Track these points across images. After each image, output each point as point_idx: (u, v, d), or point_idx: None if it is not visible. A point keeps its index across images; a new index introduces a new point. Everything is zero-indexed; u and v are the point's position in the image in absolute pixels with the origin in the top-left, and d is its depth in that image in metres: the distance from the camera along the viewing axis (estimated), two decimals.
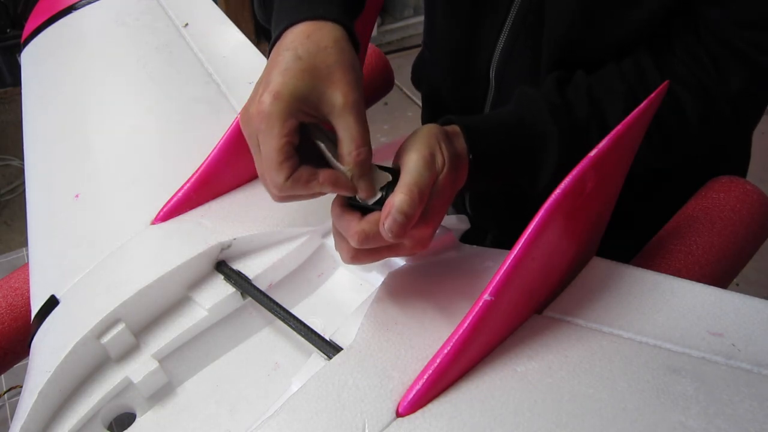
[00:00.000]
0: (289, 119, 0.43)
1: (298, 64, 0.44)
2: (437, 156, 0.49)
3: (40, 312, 0.55)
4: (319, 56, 0.45)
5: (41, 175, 0.69)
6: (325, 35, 0.45)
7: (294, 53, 0.44)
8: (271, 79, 0.44)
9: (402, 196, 0.45)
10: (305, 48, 0.45)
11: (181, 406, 0.51)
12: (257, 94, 0.44)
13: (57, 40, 0.83)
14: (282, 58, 0.44)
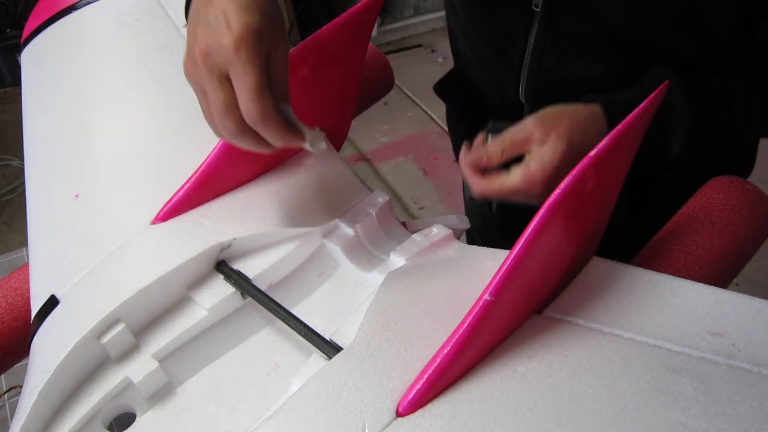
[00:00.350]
0: (262, 53, 0.44)
1: (257, 5, 0.45)
2: (573, 150, 0.56)
3: (40, 312, 0.55)
4: (265, 4, 0.46)
5: (41, 175, 0.69)
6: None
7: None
8: (233, 15, 0.44)
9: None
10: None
11: (181, 406, 0.51)
12: (220, 27, 0.44)
13: (57, 40, 0.83)
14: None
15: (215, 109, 0.46)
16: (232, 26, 0.43)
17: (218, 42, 0.44)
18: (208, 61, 0.44)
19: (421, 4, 3.06)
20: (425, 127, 2.48)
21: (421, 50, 3.00)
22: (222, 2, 0.44)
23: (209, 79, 0.45)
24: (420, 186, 2.23)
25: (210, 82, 0.45)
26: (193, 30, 0.46)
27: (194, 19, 0.46)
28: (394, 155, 2.39)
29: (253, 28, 0.44)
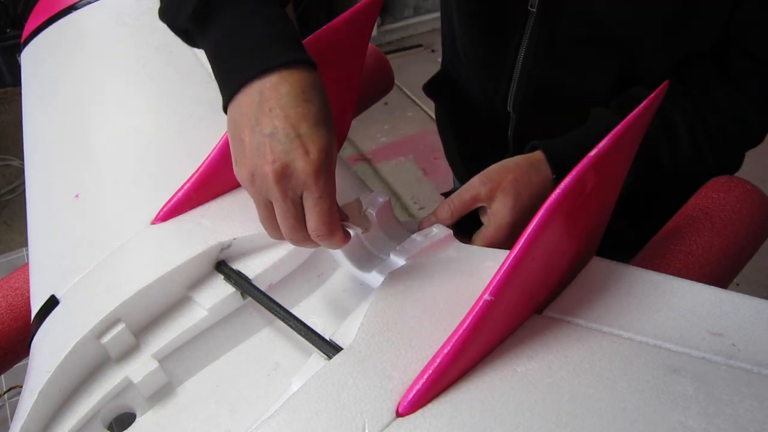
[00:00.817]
0: (333, 172, 0.45)
1: (318, 114, 0.44)
2: (522, 200, 0.58)
3: (40, 312, 0.55)
4: (327, 107, 0.46)
5: (41, 175, 0.69)
6: (311, 78, 0.45)
7: (313, 105, 0.44)
8: (308, 135, 0.43)
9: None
10: (312, 94, 0.44)
11: (181, 406, 0.51)
12: (294, 148, 0.43)
13: (57, 40, 0.83)
14: (305, 110, 0.44)
15: (284, 225, 0.46)
16: (310, 151, 0.43)
17: (295, 166, 0.43)
18: (282, 183, 0.43)
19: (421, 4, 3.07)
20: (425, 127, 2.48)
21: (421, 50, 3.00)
22: (286, 112, 0.43)
23: (283, 200, 0.44)
24: (420, 186, 2.23)
25: (284, 203, 0.44)
26: (253, 139, 0.44)
27: (250, 125, 0.44)
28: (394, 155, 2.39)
29: (327, 149, 0.44)
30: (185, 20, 0.47)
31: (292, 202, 0.44)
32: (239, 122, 0.45)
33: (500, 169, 0.60)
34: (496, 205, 0.58)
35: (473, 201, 0.59)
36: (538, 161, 0.60)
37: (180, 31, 0.50)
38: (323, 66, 0.61)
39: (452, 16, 0.76)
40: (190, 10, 0.46)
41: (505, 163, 0.60)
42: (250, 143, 0.44)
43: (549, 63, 0.68)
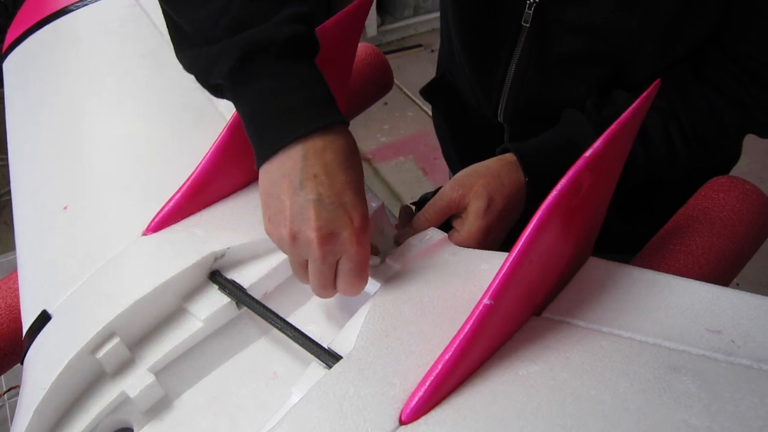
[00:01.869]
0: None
1: (358, 181, 0.47)
2: (495, 204, 0.58)
3: (32, 327, 0.54)
4: (362, 172, 0.48)
5: (28, 186, 0.68)
6: (351, 143, 0.47)
7: (354, 173, 0.47)
8: (353, 206, 0.46)
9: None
10: (354, 161, 0.47)
11: (179, 420, 0.50)
12: (340, 216, 0.45)
13: (40, 49, 0.82)
14: (348, 179, 0.46)
15: (315, 282, 0.48)
16: (354, 220, 0.46)
17: (340, 233, 0.45)
18: (325, 248, 0.45)
19: (421, 4, 3.06)
20: (425, 127, 2.47)
21: (421, 50, 2.99)
22: (331, 180, 0.45)
23: (321, 262, 0.46)
24: (420, 186, 2.22)
25: (321, 265, 0.46)
26: (296, 202, 0.45)
27: (293, 188, 0.45)
28: (394, 155, 2.38)
29: (367, 216, 0.47)
30: (220, 76, 0.47)
31: (329, 265, 0.47)
32: (279, 183, 0.45)
33: (471, 174, 0.60)
34: (469, 209, 0.58)
35: (447, 209, 0.59)
36: (509, 163, 0.61)
37: (210, 86, 0.49)
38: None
39: (450, 22, 0.76)
40: (228, 68, 0.46)
41: (476, 167, 0.61)
42: (293, 206, 0.45)
43: (540, 77, 0.69)
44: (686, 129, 0.62)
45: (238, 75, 0.46)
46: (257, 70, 0.46)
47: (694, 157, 0.63)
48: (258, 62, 0.46)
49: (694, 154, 0.63)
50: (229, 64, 0.46)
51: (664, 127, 0.62)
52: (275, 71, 0.46)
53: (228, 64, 0.46)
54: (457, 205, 0.59)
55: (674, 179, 0.71)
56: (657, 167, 0.64)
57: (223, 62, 0.46)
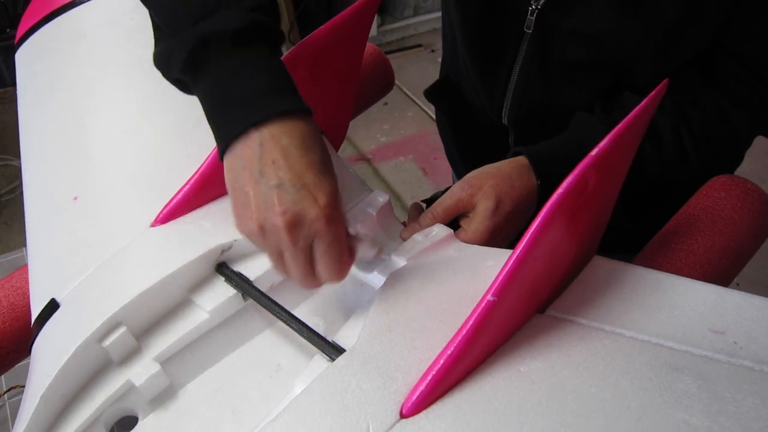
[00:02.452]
0: (342, 216, 0.46)
1: (321, 160, 0.45)
2: (503, 206, 0.58)
3: (41, 316, 0.54)
4: (327, 154, 0.46)
5: (39, 177, 0.69)
6: (310, 127, 0.46)
7: (314, 153, 0.45)
8: (315, 184, 0.44)
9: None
10: (313, 142, 0.45)
11: (183, 409, 0.51)
12: (303, 197, 0.43)
13: (51, 40, 0.82)
14: (308, 160, 0.44)
15: (295, 272, 0.46)
16: (318, 198, 0.44)
17: (305, 214, 0.43)
18: (294, 232, 0.44)
19: (421, 4, 3.06)
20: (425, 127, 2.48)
21: (421, 50, 2.99)
22: (290, 163, 0.44)
23: (294, 248, 0.45)
24: (420, 186, 2.22)
25: (295, 251, 0.45)
26: (259, 191, 0.44)
27: (254, 178, 0.44)
28: (394, 155, 2.38)
29: (334, 194, 0.45)
30: (177, 71, 0.47)
31: (302, 250, 0.45)
32: (241, 176, 0.45)
33: (481, 174, 0.60)
34: (477, 209, 0.58)
35: (456, 208, 0.59)
36: (521, 166, 0.61)
37: (174, 80, 0.50)
38: (321, 66, 0.61)
39: (453, 24, 0.76)
40: (182, 61, 0.46)
41: (487, 168, 0.61)
42: (256, 196, 0.44)
43: (542, 82, 0.69)
44: (696, 132, 0.62)
45: (192, 68, 0.46)
46: (210, 61, 0.45)
47: (704, 159, 0.63)
48: (210, 54, 0.45)
49: (704, 156, 0.63)
50: (182, 57, 0.45)
51: (674, 131, 0.62)
52: (227, 62, 0.45)
53: (182, 57, 0.46)
54: (466, 205, 0.59)
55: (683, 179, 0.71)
56: (668, 170, 0.64)
57: (178, 56, 0.46)
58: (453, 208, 0.59)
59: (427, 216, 0.60)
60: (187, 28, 0.46)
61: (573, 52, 0.64)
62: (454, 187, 0.60)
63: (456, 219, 0.61)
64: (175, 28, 0.47)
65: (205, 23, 0.45)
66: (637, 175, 0.61)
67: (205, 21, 0.45)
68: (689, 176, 0.66)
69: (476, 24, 0.70)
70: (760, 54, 0.59)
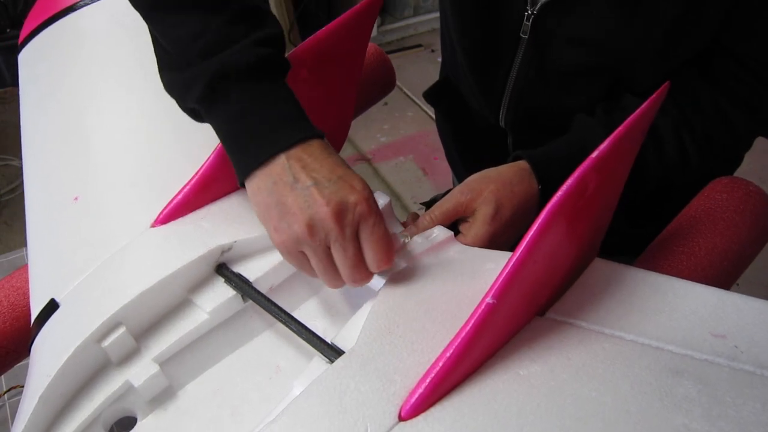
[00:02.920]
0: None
1: (344, 162, 0.49)
2: (503, 211, 0.58)
3: (40, 316, 0.55)
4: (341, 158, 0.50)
5: (40, 177, 0.69)
6: (329, 144, 0.50)
7: (337, 156, 0.49)
8: (347, 174, 0.47)
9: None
10: (333, 152, 0.49)
11: (182, 410, 0.51)
12: (342, 187, 0.46)
13: (54, 42, 0.83)
14: (334, 160, 0.48)
15: (345, 265, 0.48)
16: (355, 185, 0.47)
17: (348, 200, 0.46)
18: (340, 219, 0.46)
19: (421, 4, 3.06)
20: (425, 127, 2.48)
21: (421, 50, 2.99)
22: (320, 164, 0.47)
23: (342, 237, 0.47)
24: (420, 186, 2.22)
25: (343, 240, 0.47)
26: (298, 195, 0.46)
27: (289, 185, 0.47)
28: (394, 155, 2.38)
29: (367, 184, 0.48)
30: (193, 101, 0.50)
31: (351, 238, 0.47)
32: (273, 189, 0.47)
33: (481, 179, 0.60)
34: (477, 214, 0.58)
35: (454, 212, 0.59)
36: (522, 171, 0.60)
37: (187, 110, 0.53)
38: (323, 66, 0.61)
39: (450, 31, 0.76)
40: (198, 94, 0.48)
41: (487, 172, 0.60)
42: (296, 200, 0.46)
43: (540, 87, 0.69)
44: (698, 134, 0.61)
45: (208, 100, 0.49)
46: (224, 95, 0.48)
47: (705, 160, 0.63)
48: (224, 87, 0.48)
49: (705, 157, 0.63)
50: (199, 90, 0.48)
51: (676, 134, 0.61)
52: (241, 94, 0.48)
53: (198, 90, 0.48)
54: (465, 209, 0.59)
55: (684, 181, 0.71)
56: (669, 172, 0.63)
57: (195, 88, 0.48)
58: (452, 212, 0.59)
59: (425, 219, 0.60)
60: (197, 60, 0.49)
61: (570, 57, 0.64)
62: (453, 190, 0.60)
63: (456, 224, 0.60)
64: (186, 58, 0.49)
65: (219, 56, 0.48)
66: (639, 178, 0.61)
67: (218, 55, 0.48)
68: (689, 178, 0.65)
69: (472, 29, 0.70)
70: (759, 53, 0.59)
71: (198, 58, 0.49)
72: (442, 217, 0.59)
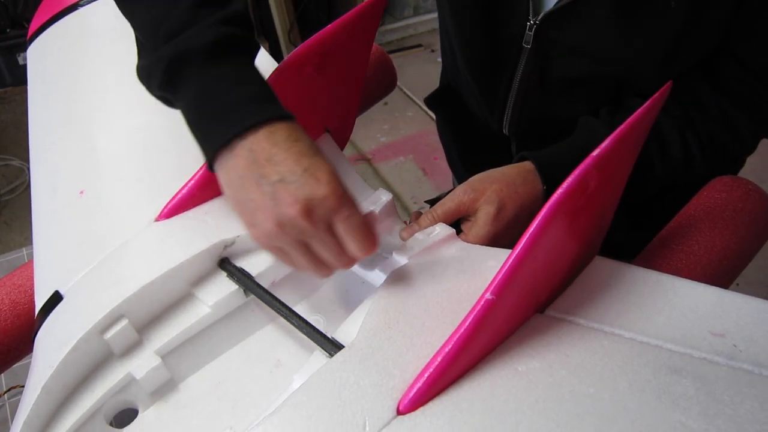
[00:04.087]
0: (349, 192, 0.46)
1: (315, 149, 0.45)
2: (505, 211, 0.58)
3: (44, 307, 0.55)
4: (314, 142, 0.46)
5: (46, 171, 0.69)
6: (297, 126, 0.46)
7: (302, 142, 0.45)
8: (314, 166, 0.44)
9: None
10: (300, 135, 0.45)
11: (183, 402, 0.51)
12: (307, 182, 0.43)
13: (62, 37, 0.83)
14: (299, 148, 0.44)
15: (328, 256, 0.46)
16: (320, 178, 0.44)
17: (315, 195, 0.43)
18: (311, 217, 0.44)
19: (421, 4, 3.07)
20: (425, 127, 2.48)
21: (421, 50, 3.00)
22: (284, 156, 0.44)
23: (316, 232, 0.45)
24: (420, 186, 2.23)
25: (317, 235, 0.45)
26: (264, 192, 0.44)
27: (255, 181, 0.44)
28: (394, 155, 2.39)
29: (333, 171, 0.45)
30: (156, 88, 0.48)
31: (326, 232, 0.45)
32: (241, 185, 0.45)
33: (485, 178, 0.60)
34: (479, 213, 0.58)
35: (457, 211, 0.59)
36: (526, 171, 0.60)
37: (157, 97, 0.50)
38: (328, 65, 0.61)
39: (451, 38, 0.76)
40: (159, 79, 0.46)
41: (491, 172, 0.61)
42: (262, 197, 0.44)
43: (542, 96, 0.69)
44: (702, 137, 0.61)
45: (170, 85, 0.46)
46: (186, 78, 0.46)
47: (710, 163, 0.63)
48: (184, 70, 0.46)
49: (710, 160, 0.63)
50: (158, 75, 0.46)
51: (680, 137, 0.62)
52: (201, 77, 0.46)
53: (158, 75, 0.46)
54: (467, 208, 0.59)
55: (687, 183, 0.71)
56: (674, 175, 0.63)
57: (156, 74, 0.46)
58: (454, 210, 0.59)
59: (427, 217, 0.60)
60: (161, 45, 0.46)
61: (572, 66, 0.64)
62: (456, 189, 0.60)
63: (458, 223, 0.61)
64: (153, 44, 0.48)
65: (177, 40, 0.46)
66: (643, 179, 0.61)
67: (177, 38, 0.46)
68: (692, 180, 0.66)
69: (474, 39, 0.70)
70: (760, 55, 0.59)
71: (162, 42, 0.46)
72: (445, 215, 0.59)
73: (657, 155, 0.62)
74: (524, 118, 0.72)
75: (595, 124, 0.63)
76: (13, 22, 2.39)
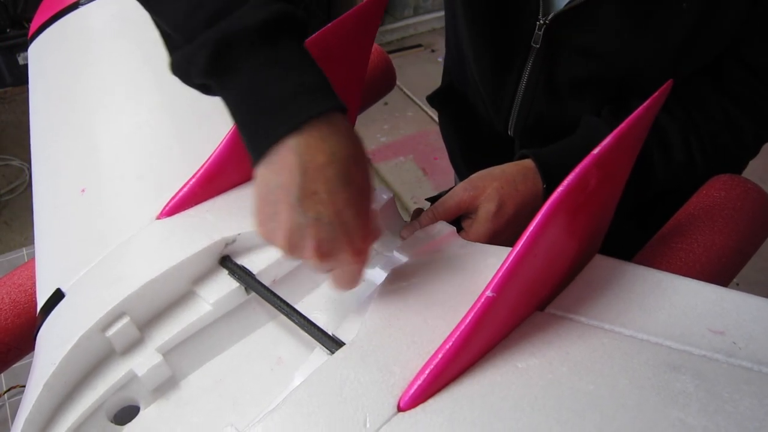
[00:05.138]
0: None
1: (361, 193, 0.43)
2: (505, 209, 0.58)
3: (46, 305, 0.55)
4: (368, 174, 0.44)
5: (48, 169, 0.69)
6: (353, 138, 0.43)
7: (356, 186, 0.43)
8: (351, 219, 0.42)
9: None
10: (358, 170, 0.43)
11: (184, 400, 0.51)
12: (337, 235, 0.42)
13: (63, 35, 0.83)
14: (349, 195, 0.42)
15: (311, 266, 0.45)
16: (354, 242, 0.43)
17: (338, 254, 0.43)
18: (323, 262, 0.44)
19: (421, 4, 3.07)
20: (425, 127, 2.48)
21: (421, 50, 3.00)
22: (332, 198, 0.41)
23: (318, 269, 0.45)
24: (420, 186, 2.23)
25: (317, 266, 0.45)
26: (294, 218, 0.41)
27: (289, 202, 0.41)
28: (394, 155, 2.39)
29: (368, 235, 0.45)
30: (200, 76, 0.43)
31: (324, 269, 0.46)
32: (275, 193, 0.42)
33: (486, 176, 0.60)
34: (479, 212, 0.58)
35: (457, 208, 0.59)
36: (527, 169, 0.60)
37: (197, 87, 0.45)
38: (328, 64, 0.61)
39: (459, 36, 0.76)
40: (202, 67, 0.41)
41: (492, 170, 0.61)
42: (290, 221, 0.42)
43: (549, 97, 0.69)
44: (705, 140, 0.62)
45: (216, 72, 0.42)
46: (234, 63, 0.41)
47: (712, 166, 0.63)
48: (234, 55, 0.41)
49: (712, 163, 0.63)
50: (202, 62, 0.41)
51: (683, 139, 0.62)
52: (253, 63, 0.41)
53: (202, 62, 0.41)
54: (468, 206, 0.59)
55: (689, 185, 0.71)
56: (677, 178, 0.64)
57: (199, 60, 0.41)
58: (454, 208, 0.59)
59: (427, 215, 0.60)
60: (200, 31, 0.41)
61: (580, 67, 0.64)
62: (457, 187, 0.60)
63: (458, 220, 0.61)
64: (190, 33, 0.42)
65: (224, 22, 0.41)
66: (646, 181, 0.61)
67: (224, 20, 0.41)
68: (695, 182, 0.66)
69: (484, 38, 0.70)
70: (765, 57, 0.59)
71: (203, 27, 0.41)
72: (444, 213, 0.59)
73: (660, 158, 0.62)
74: (530, 119, 0.72)
75: (597, 123, 0.63)
76: (13, 22, 2.39)
